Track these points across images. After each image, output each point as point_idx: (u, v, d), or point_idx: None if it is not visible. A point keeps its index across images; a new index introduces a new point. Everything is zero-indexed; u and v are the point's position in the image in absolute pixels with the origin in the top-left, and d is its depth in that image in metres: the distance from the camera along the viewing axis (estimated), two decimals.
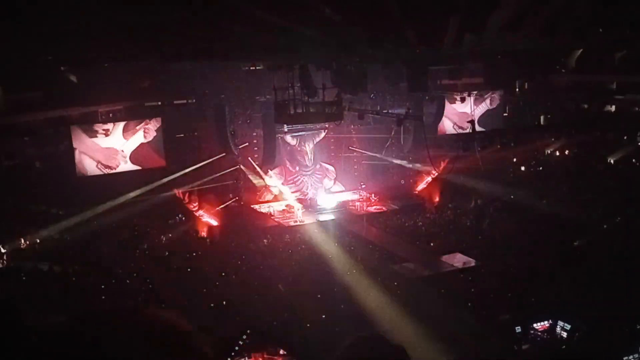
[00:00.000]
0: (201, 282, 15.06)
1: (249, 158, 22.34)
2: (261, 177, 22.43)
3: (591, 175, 23.11)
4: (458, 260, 17.01)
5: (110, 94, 19.76)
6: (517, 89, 24.85)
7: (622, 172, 22.88)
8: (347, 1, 8.72)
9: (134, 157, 20.94)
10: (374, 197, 23.44)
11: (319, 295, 13.90)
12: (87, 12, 8.26)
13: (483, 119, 23.92)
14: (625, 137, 23.98)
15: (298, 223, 21.34)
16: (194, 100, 22.01)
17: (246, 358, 10.33)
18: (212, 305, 13.52)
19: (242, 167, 22.25)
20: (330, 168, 25.01)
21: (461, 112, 23.80)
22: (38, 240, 17.88)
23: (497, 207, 21.01)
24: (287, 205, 23.09)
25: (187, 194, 20.17)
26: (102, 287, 14.80)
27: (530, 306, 12.82)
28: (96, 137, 20.18)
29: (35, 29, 9.09)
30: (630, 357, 10.12)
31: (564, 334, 11.69)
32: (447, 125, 24.34)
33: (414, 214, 21.54)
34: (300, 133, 23.85)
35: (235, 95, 22.28)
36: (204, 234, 19.79)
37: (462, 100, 23.52)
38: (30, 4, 7.61)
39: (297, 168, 24.42)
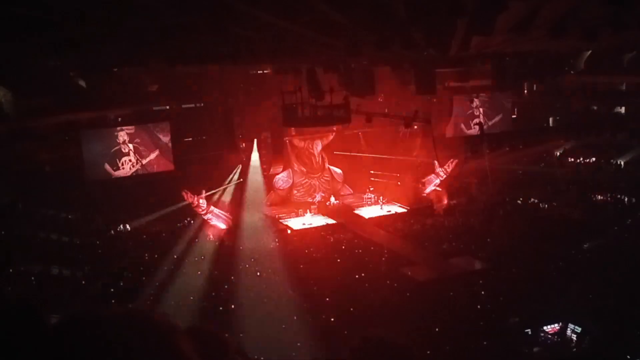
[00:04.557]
0: (210, 285, 15.08)
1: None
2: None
3: (601, 177, 22.95)
4: (467, 262, 16.92)
5: (119, 99, 19.88)
6: (525, 91, 24.75)
7: (632, 174, 22.72)
8: (354, 4, 8.73)
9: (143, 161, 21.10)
10: (383, 199, 23.42)
11: (328, 299, 13.88)
12: (95, 17, 8.31)
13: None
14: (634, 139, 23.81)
15: (306, 226, 21.34)
16: (202, 104, 22.10)
17: None
18: (220, 308, 13.54)
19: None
20: (338, 171, 24.99)
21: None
22: (48, 244, 17.98)
23: (506, 209, 20.91)
24: (295, 208, 23.09)
25: (195, 197, 20.21)
26: (112, 290, 14.88)
27: (540, 309, 12.72)
28: None
29: (45, 34, 9.15)
30: None
31: (575, 337, 11.61)
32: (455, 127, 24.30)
33: (422, 216, 21.47)
34: (308, 136, 23.86)
35: (243, 99, 22.34)
36: (212, 237, 19.81)
37: (470, 102, 23.47)
38: (39, 9, 7.67)
39: (305, 171, 24.43)
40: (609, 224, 18.06)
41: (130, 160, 20.98)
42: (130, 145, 20.89)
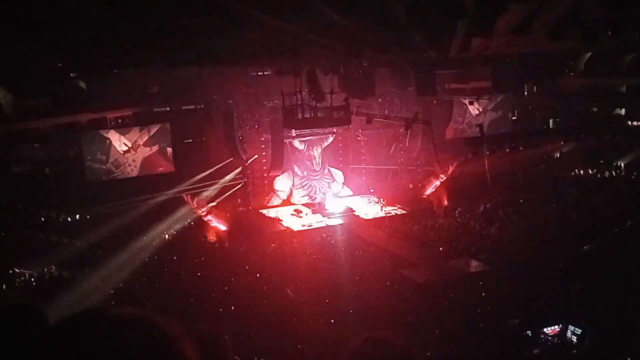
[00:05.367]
0: (210, 287, 15.08)
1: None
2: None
3: (601, 179, 22.96)
4: (467, 264, 16.91)
5: (119, 100, 19.90)
6: (525, 93, 24.77)
7: (632, 175, 22.73)
8: (354, 6, 8.73)
9: (144, 163, 21.11)
10: (383, 201, 23.42)
11: (327, 300, 13.88)
12: (95, 19, 8.32)
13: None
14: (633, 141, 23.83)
15: (306, 227, 21.33)
16: (202, 106, 22.11)
17: None
18: (220, 309, 13.53)
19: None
20: (339, 172, 25.00)
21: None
22: (48, 246, 17.97)
23: (506, 211, 20.91)
24: (295, 210, 23.10)
25: (195, 199, 20.22)
26: (112, 292, 14.88)
27: (540, 311, 12.72)
28: None
29: (45, 36, 9.17)
30: None
31: (575, 339, 11.61)
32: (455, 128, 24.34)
33: (422, 218, 21.46)
34: (308, 138, 23.88)
35: (243, 101, 22.36)
36: (212, 239, 19.81)
37: (471, 104, 23.50)
38: (39, 11, 7.68)
39: (305, 173, 24.44)
40: (608, 226, 18.06)
41: (129, 164, 20.99)
42: (130, 147, 20.90)
